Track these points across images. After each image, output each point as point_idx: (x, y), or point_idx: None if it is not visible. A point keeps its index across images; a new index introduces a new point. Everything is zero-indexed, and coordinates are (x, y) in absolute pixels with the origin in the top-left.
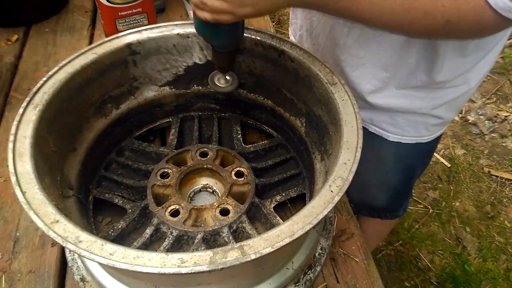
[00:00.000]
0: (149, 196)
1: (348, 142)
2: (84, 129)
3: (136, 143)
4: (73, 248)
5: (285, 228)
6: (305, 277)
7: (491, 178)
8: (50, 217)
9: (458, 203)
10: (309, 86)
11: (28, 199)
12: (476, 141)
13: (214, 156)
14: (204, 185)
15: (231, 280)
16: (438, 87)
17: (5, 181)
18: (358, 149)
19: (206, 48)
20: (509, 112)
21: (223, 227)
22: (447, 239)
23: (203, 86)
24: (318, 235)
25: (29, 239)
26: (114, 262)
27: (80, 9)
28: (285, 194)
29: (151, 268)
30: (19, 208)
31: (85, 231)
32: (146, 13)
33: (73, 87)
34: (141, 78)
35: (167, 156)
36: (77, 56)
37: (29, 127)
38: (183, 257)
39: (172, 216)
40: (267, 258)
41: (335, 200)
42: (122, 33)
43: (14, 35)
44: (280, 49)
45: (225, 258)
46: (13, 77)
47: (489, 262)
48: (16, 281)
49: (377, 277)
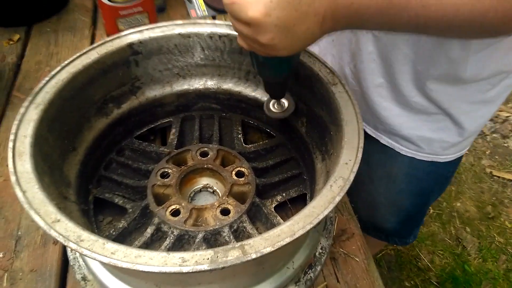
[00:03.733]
0: (149, 196)
1: (349, 142)
2: (85, 129)
3: (137, 143)
4: (75, 247)
5: (285, 228)
6: (305, 276)
7: (493, 178)
8: (51, 216)
9: (459, 204)
10: (310, 86)
11: (28, 199)
12: (478, 142)
13: (215, 156)
14: (204, 185)
15: (232, 279)
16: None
17: (5, 180)
18: (359, 149)
19: (207, 48)
20: (510, 113)
21: (223, 227)
22: (447, 239)
23: (204, 86)
24: (318, 234)
25: (30, 238)
26: (115, 261)
27: (81, 9)
28: (285, 194)
29: (153, 267)
30: (20, 207)
31: (86, 230)
32: (147, 13)
33: (76, 86)
34: (143, 78)
35: (167, 155)
36: (79, 56)
37: (30, 126)
38: (184, 256)
39: (173, 216)
40: (267, 258)
41: (336, 200)
42: (123, 32)
43: (16, 35)
44: None
45: (226, 257)
46: (15, 76)
47: (489, 262)
48: (17, 280)
49: (377, 277)
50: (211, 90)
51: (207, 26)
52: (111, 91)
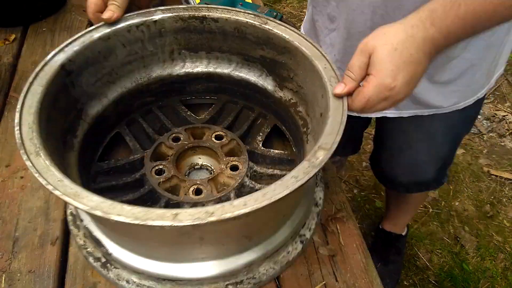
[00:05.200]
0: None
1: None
2: (65, 167)
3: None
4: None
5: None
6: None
7: (491, 177)
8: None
9: (457, 203)
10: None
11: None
12: (475, 141)
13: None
14: (199, 164)
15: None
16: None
17: (2, 181)
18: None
19: (128, 44)
20: (507, 112)
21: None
22: (445, 238)
23: (135, 83)
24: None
25: (28, 239)
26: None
27: (78, 9)
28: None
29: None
30: (17, 208)
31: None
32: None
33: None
34: (82, 98)
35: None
36: (24, 96)
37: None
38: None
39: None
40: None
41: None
42: (46, 58)
43: (12, 35)
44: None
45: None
46: (12, 77)
47: (487, 261)
48: (16, 280)
49: (376, 276)
50: (142, 84)
51: (121, 21)
52: (63, 125)
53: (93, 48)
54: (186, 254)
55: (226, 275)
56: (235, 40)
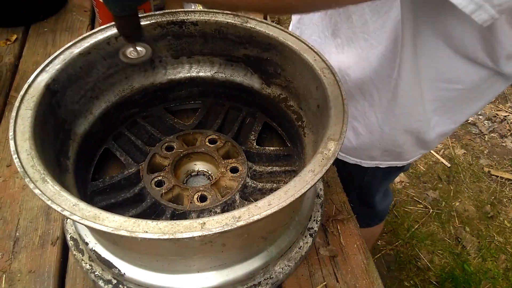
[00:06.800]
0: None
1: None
2: (66, 189)
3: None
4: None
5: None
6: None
7: (491, 178)
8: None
9: (458, 203)
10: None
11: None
12: (476, 141)
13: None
14: (196, 170)
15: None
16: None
17: (4, 181)
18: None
19: (108, 56)
20: (508, 112)
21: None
22: (446, 239)
23: (119, 96)
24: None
25: (28, 239)
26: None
27: (79, 9)
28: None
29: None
30: (18, 208)
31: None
32: (143, 11)
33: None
34: (68, 117)
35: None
36: (14, 119)
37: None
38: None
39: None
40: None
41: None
42: (29, 79)
43: (13, 35)
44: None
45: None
46: (13, 77)
47: (489, 262)
48: (16, 281)
49: (377, 277)
50: (125, 96)
51: (99, 33)
52: (55, 148)
53: (74, 64)
54: (204, 263)
55: (244, 279)
56: (216, 42)
